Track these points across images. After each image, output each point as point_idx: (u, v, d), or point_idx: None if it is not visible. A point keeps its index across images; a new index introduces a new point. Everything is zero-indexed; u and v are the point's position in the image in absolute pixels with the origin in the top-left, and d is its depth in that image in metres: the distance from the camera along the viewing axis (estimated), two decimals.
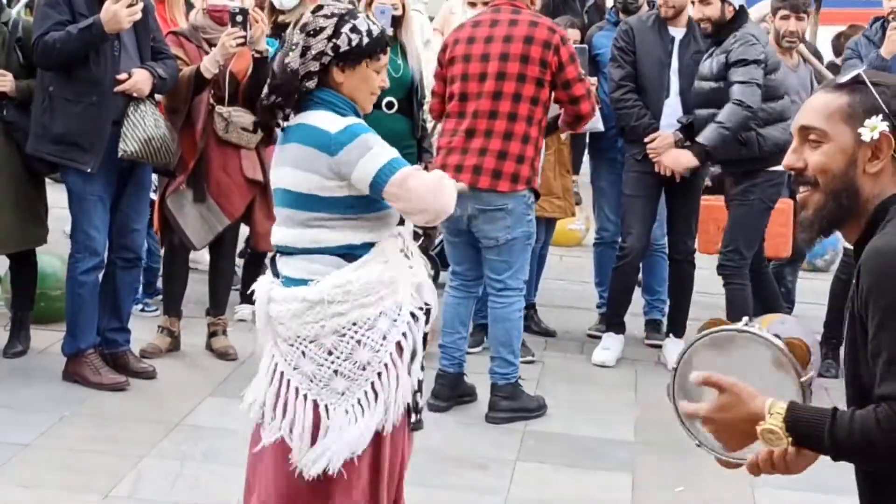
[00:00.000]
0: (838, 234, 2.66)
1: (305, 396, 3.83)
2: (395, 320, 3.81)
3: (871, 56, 7.15)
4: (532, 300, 7.65)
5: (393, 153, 3.81)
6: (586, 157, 9.15)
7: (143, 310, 7.59)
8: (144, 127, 6.27)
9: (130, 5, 6.09)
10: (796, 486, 5.66)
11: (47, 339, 6.91)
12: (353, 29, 3.82)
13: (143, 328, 7.09)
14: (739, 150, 6.87)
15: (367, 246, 3.82)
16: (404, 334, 3.83)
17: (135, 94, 6.27)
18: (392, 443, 3.91)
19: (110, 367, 6.48)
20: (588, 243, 9.26)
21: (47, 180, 6.84)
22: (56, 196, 6.96)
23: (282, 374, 3.88)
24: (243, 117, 6.70)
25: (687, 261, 7.32)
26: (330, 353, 3.80)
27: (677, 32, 7.14)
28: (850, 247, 2.63)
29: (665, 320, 7.68)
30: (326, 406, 3.81)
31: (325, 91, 3.83)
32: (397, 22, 6.84)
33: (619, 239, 7.65)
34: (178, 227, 6.81)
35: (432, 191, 3.82)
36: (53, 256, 7.23)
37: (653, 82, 7.09)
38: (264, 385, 3.94)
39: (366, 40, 3.83)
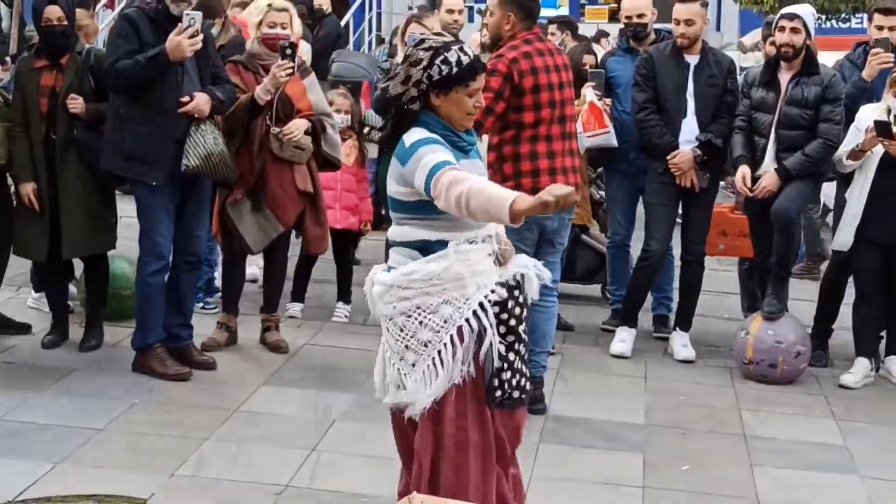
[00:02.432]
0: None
1: (393, 364, 4.02)
2: (460, 308, 3.91)
3: (853, 78, 7.13)
4: None
5: (438, 158, 3.83)
6: None
7: (203, 307, 7.57)
8: (204, 144, 6.27)
9: (192, 36, 6.09)
10: (793, 465, 5.66)
11: (119, 335, 6.91)
12: (444, 61, 3.93)
13: (204, 324, 7.06)
14: None
15: (442, 243, 3.93)
16: (467, 320, 3.91)
17: (196, 115, 6.26)
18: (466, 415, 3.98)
19: (175, 359, 6.46)
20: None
21: (118, 192, 6.85)
22: (126, 206, 6.95)
23: (383, 345, 4.11)
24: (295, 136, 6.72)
25: (697, 262, 7.32)
26: (401, 331, 3.97)
27: (692, 59, 7.13)
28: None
29: (672, 316, 7.64)
30: (405, 374, 3.97)
31: (426, 112, 3.98)
32: None
33: (630, 241, 7.69)
34: (237, 233, 6.80)
35: (453, 187, 3.81)
36: (124, 260, 7.21)
37: (671, 104, 7.11)
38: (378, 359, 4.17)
39: (455, 70, 3.93)
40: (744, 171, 6.97)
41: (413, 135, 3.93)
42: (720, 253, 7.80)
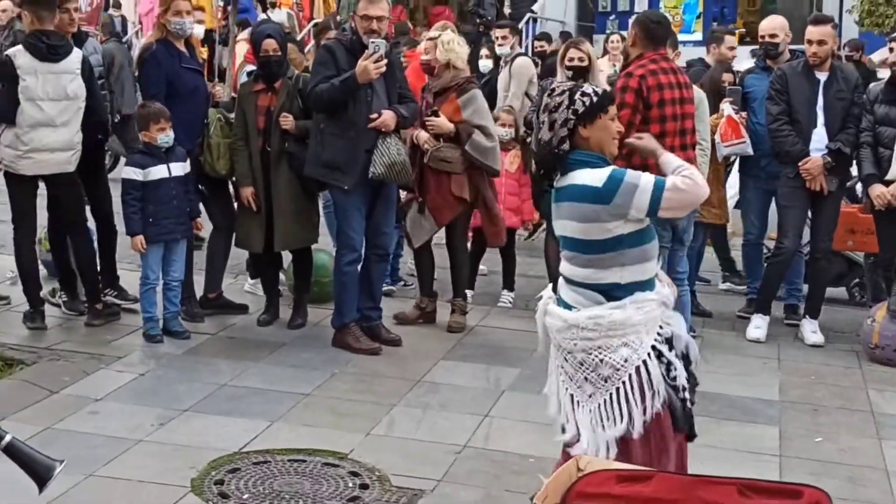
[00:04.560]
0: None
1: (567, 389, 3.82)
2: (637, 350, 3.70)
3: None
4: (693, 287, 7.49)
5: (651, 176, 3.70)
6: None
7: (389, 293, 7.66)
8: (389, 155, 6.33)
9: (377, 61, 6.16)
10: None
11: (320, 315, 7.01)
12: (583, 94, 3.79)
13: (391, 307, 7.15)
14: None
15: (629, 287, 3.72)
16: (644, 362, 3.71)
17: (383, 130, 6.34)
18: (650, 447, 3.77)
19: (367, 336, 6.54)
20: (733, 243, 9.03)
21: None
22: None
23: (558, 368, 3.88)
24: (441, 151, 6.74)
25: (825, 258, 7.12)
26: (581, 364, 3.75)
27: (822, 76, 6.94)
28: None
29: (801, 304, 7.44)
30: (578, 401, 3.78)
31: (577, 152, 3.76)
32: (582, 73, 6.77)
33: (763, 240, 7.53)
34: (404, 229, 6.94)
35: (695, 187, 3.75)
36: (324, 253, 7.35)
37: (803, 116, 6.92)
38: (553, 379, 3.94)
39: (594, 98, 3.78)
40: (880, 188, 6.81)
41: (594, 174, 3.69)
42: (850, 248, 7.57)
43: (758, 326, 7.12)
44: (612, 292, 3.72)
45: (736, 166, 8.13)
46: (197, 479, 4.61)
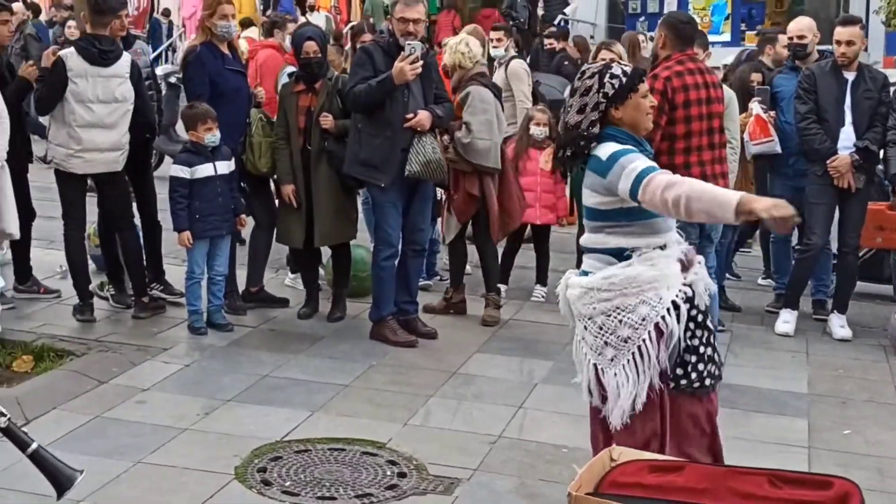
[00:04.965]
0: None
1: (590, 360, 3.82)
2: (655, 307, 3.69)
3: None
4: (722, 283, 7.45)
5: (642, 165, 3.65)
6: None
7: (426, 288, 7.67)
8: (424, 153, 6.33)
9: (413, 62, 6.17)
10: None
11: (358, 309, 7.03)
12: (612, 76, 3.78)
13: (427, 301, 7.16)
14: None
15: (637, 250, 3.73)
16: (663, 317, 3.70)
17: (419, 129, 6.35)
18: (670, 404, 3.79)
19: (404, 329, 6.56)
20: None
21: None
22: None
23: (579, 342, 3.88)
24: (448, 150, 6.69)
25: (853, 253, 7.08)
26: (601, 329, 3.75)
27: (850, 75, 6.88)
28: None
29: (829, 300, 7.38)
30: (602, 369, 3.77)
31: (610, 127, 3.78)
32: None
33: (791, 236, 7.48)
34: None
35: (668, 190, 3.61)
36: (362, 248, 7.36)
37: (831, 115, 6.87)
38: (574, 352, 3.95)
39: (624, 79, 3.78)
40: None
41: (607, 148, 3.74)
42: (878, 245, 7.49)
43: (786, 321, 7.08)
44: (622, 255, 3.74)
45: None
46: (240, 467, 4.65)
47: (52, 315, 6.79)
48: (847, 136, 6.84)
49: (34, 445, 2.42)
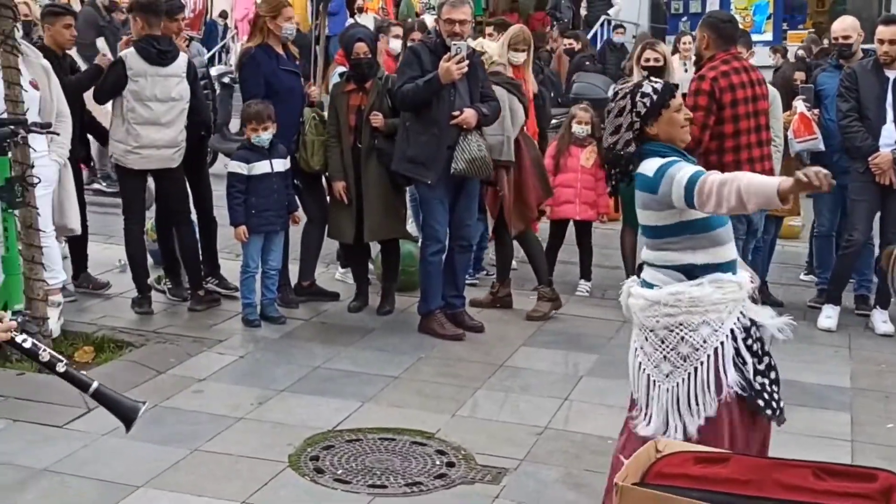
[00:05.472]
0: None
1: (644, 370, 3.76)
2: (716, 331, 3.63)
3: None
4: (764, 278, 7.40)
5: (690, 171, 3.60)
6: None
7: (471, 283, 7.67)
8: (470, 151, 6.32)
9: (459, 62, 6.16)
10: None
11: (407, 303, 7.04)
12: (643, 94, 3.73)
13: (474, 295, 7.17)
14: None
15: (707, 267, 3.66)
16: (722, 343, 3.64)
17: (465, 127, 6.34)
18: (724, 429, 3.70)
19: (451, 323, 6.56)
20: (803, 236, 8.90)
21: None
22: None
23: (636, 350, 3.82)
24: None
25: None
26: (661, 342, 3.69)
27: (892, 73, 6.77)
28: None
29: (871, 295, 7.27)
30: (655, 381, 3.72)
31: (649, 143, 3.74)
32: (658, 72, 6.70)
33: (833, 232, 7.41)
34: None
35: (723, 187, 3.55)
36: (410, 243, 7.38)
37: (872, 113, 6.77)
38: (630, 359, 3.89)
39: (655, 96, 3.73)
40: None
41: (651, 164, 3.68)
42: None
43: (829, 316, 7.00)
44: (692, 273, 3.67)
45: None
46: (294, 455, 4.68)
47: (112, 308, 6.88)
48: (889, 134, 6.74)
49: (95, 384, 2.47)
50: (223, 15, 20.39)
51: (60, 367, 2.45)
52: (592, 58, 13.23)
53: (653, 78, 3.97)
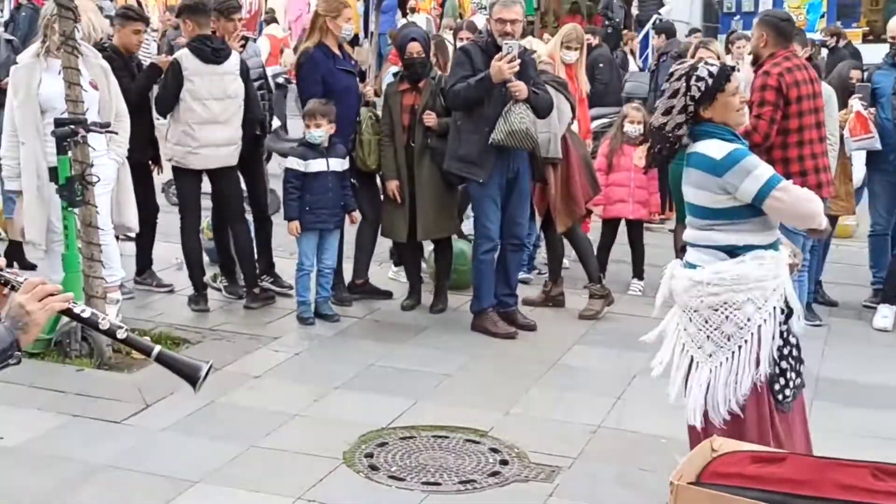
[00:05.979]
0: None
1: (687, 351, 3.77)
2: (760, 308, 3.65)
3: None
4: (818, 278, 7.30)
5: (770, 171, 3.63)
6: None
7: (526, 281, 7.64)
8: (510, 122, 6.18)
9: (510, 61, 6.14)
10: None
11: (459, 301, 7.04)
12: (698, 78, 3.72)
13: (527, 294, 7.15)
14: None
15: (749, 248, 3.68)
16: (765, 320, 3.66)
17: (514, 97, 6.20)
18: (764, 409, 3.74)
19: (504, 321, 6.54)
20: (858, 235, 8.76)
21: None
22: None
23: (679, 332, 3.83)
24: None
25: None
26: (706, 322, 3.71)
27: None
28: None
29: None
30: (698, 363, 3.72)
31: (705, 124, 3.73)
32: None
33: (888, 231, 7.30)
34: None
35: (802, 201, 3.64)
36: (463, 242, 7.37)
37: None
38: (670, 343, 3.89)
39: (710, 81, 3.71)
40: None
41: (714, 146, 3.66)
42: None
43: (885, 316, 6.89)
44: (735, 252, 3.68)
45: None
46: (348, 452, 4.70)
47: (168, 305, 6.96)
48: None
49: (157, 348, 2.51)
50: (271, 14, 20.50)
51: (121, 334, 2.49)
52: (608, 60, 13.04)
53: (709, 61, 3.95)
